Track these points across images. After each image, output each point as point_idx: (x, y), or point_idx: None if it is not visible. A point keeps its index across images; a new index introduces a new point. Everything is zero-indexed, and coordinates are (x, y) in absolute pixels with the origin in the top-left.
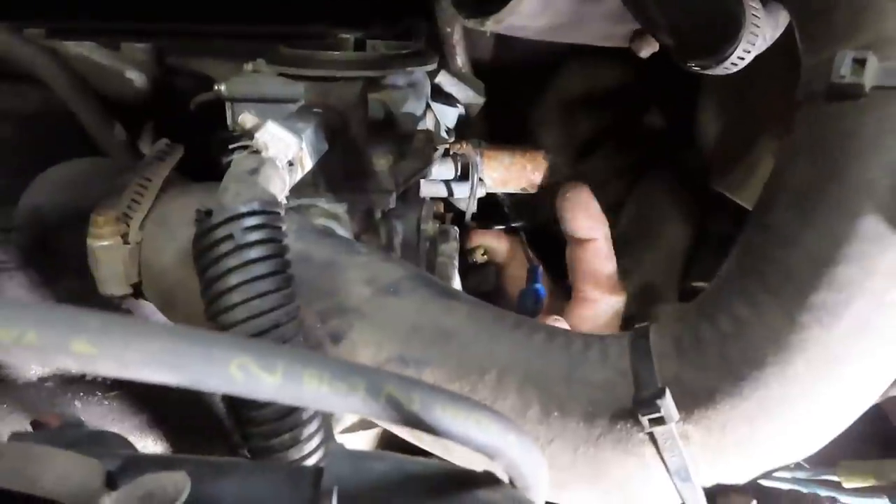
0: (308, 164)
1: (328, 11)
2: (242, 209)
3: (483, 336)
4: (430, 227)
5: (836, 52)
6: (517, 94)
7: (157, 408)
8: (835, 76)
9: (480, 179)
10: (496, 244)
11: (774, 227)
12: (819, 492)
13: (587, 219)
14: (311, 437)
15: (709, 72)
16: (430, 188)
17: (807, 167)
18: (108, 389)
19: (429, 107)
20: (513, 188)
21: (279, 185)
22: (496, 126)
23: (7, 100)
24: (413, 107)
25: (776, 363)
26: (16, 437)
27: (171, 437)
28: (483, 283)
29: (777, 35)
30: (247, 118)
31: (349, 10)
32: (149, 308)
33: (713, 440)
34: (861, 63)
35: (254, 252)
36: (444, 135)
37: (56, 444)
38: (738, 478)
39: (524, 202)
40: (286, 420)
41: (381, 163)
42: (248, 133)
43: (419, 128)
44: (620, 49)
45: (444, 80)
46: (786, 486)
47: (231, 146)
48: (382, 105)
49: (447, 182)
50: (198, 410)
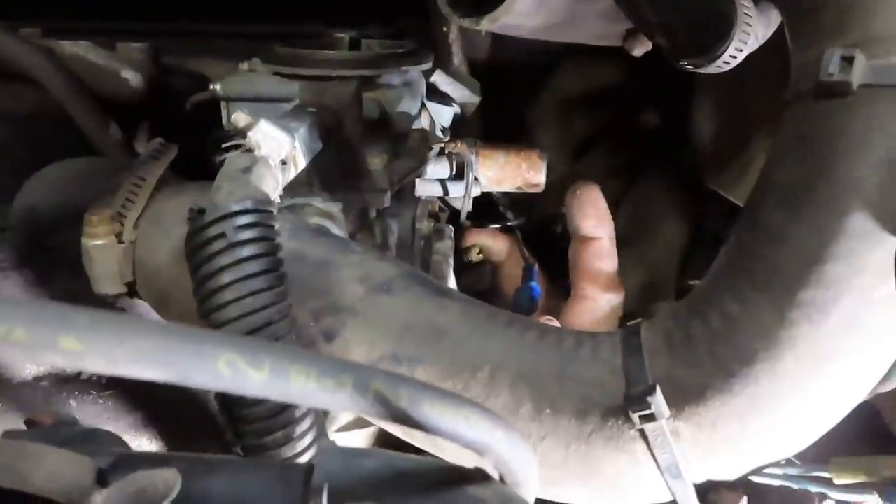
0: (301, 163)
1: (324, 11)
2: (235, 207)
3: (476, 334)
4: (425, 226)
5: (825, 51)
6: (513, 94)
7: (152, 406)
8: (823, 74)
9: (475, 178)
10: (492, 243)
11: (764, 225)
12: (810, 488)
13: (594, 217)
14: (304, 435)
15: (701, 70)
16: (425, 187)
17: (795, 165)
18: (103, 388)
19: (424, 106)
20: (508, 187)
21: (272, 184)
22: (492, 125)
23: (2, 100)
24: (408, 106)
25: (766, 360)
26: (8, 436)
27: (166, 436)
28: (479, 282)
29: (769, 34)
30: (240, 117)
31: (345, 10)
32: (143, 307)
33: (704, 437)
34: (849, 61)
35: (246, 250)
36: (440, 134)
37: (49, 442)
38: (729, 474)
39: (520, 201)
40: (278, 418)
41: (376, 162)
42: (241, 132)
43: (414, 127)
44: (616, 48)
45: (440, 80)
46: (776, 483)
47: (224, 145)
48: (377, 104)
49: (442, 181)
50: (192, 409)
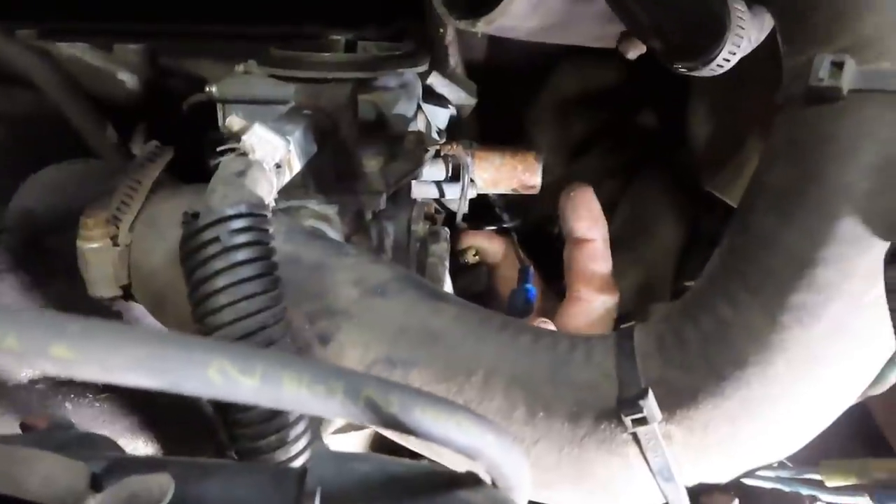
0: (296, 166)
1: (321, 12)
2: (229, 211)
3: (470, 337)
4: (421, 228)
5: (815, 55)
6: (510, 95)
7: (148, 410)
8: (813, 79)
9: (471, 180)
10: (487, 245)
11: (756, 229)
12: (801, 490)
13: (588, 219)
14: (298, 439)
15: (695, 73)
16: (421, 189)
17: (786, 170)
18: (99, 391)
19: (420, 108)
20: (504, 189)
21: (266, 188)
22: (489, 126)
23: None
24: (404, 108)
25: (757, 363)
26: (2, 440)
27: (162, 439)
28: (474, 284)
29: (762, 37)
30: (234, 121)
31: (342, 12)
32: (139, 310)
33: (696, 440)
34: (839, 66)
35: (241, 254)
36: (436, 136)
37: (43, 447)
38: (721, 477)
39: (516, 202)
40: (273, 422)
41: (372, 164)
42: (236, 135)
43: (410, 129)
44: (612, 49)
45: (436, 82)
46: (768, 485)
47: (219, 148)
48: (373, 106)
49: (438, 183)
50: (187, 412)
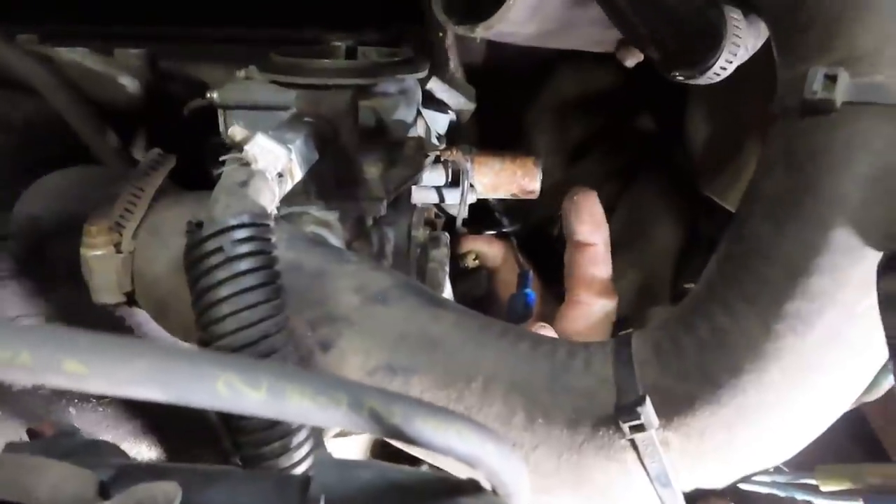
0: (298, 175)
1: (321, 16)
2: (232, 222)
3: (470, 344)
4: (421, 234)
5: (809, 68)
6: (509, 98)
7: (151, 414)
8: (807, 92)
9: (471, 185)
10: (487, 249)
11: (751, 237)
12: (796, 495)
13: (590, 223)
14: (301, 446)
15: (692, 82)
16: (421, 194)
17: (782, 180)
18: (103, 396)
19: (419, 113)
20: (503, 194)
21: (269, 197)
22: (488, 129)
23: (1, 108)
24: (404, 114)
25: (753, 371)
26: (11, 448)
27: (165, 444)
28: (475, 288)
29: (759, 45)
30: (236, 131)
31: (341, 16)
32: (141, 315)
33: (692, 446)
34: (832, 79)
35: (243, 264)
36: (435, 141)
37: (51, 455)
38: (717, 482)
39: (516, 206)
40: (276, 429)
41: (372, 171)
42: (238, 145)
43: (410, 135)
44: (611, 53)
45: (436, 87)
46: (764, 490)
47: (221, 158)
48: (373, 112)
49: (438, 188)
50: (190, 417)
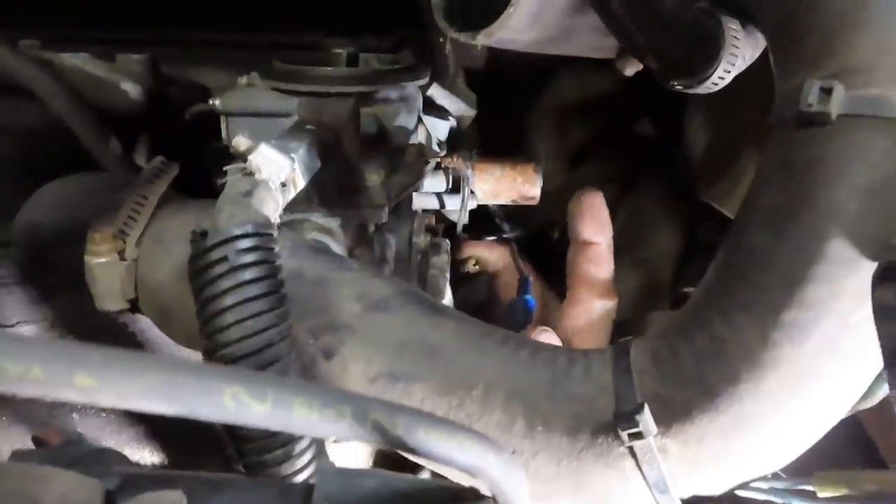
0: (301, 184)
1: (322, 22)
2: (236, 231)
3: (470, 352)
4: (422, 241)
5: (805, 80)
6: (509, 102)
7: (153, 421)
8: (803, 104)
9: (471, 192)
10: (488, 254)
11: (749, 247)
12: (793, 502)
13: (595, 222)
14: (303, 453)
15: (690, 91)
16: (422, 200)
17: (779, 190)
18: None
19: (420, 120)
20: (504, 200)
21: (272, 207)
22: (488, 133)
23: (2, 115)
24: (405, 120)
25: (750, 380)
26: (17, 457)
27: (168, 449)
28: (475, 294)
29: (757, 55)
30: (240, 141)
31: (342, 21)
32: (144, 322)
33: (690, 453)
34: (828, 92)
35: (248, 273)
36: (436, 148)
37: (57, 463)
38: (715, 489)
39: (516, 212)
40: (278, 437)
41: (374, 178)
42: (242, 155)
43: (411, 141)
44: (610, 59)
45: (436, 93)
46: (761, 497)
47: (225, 168)
48: (375, 119)
49: (439, 194)
50: (193, 424)
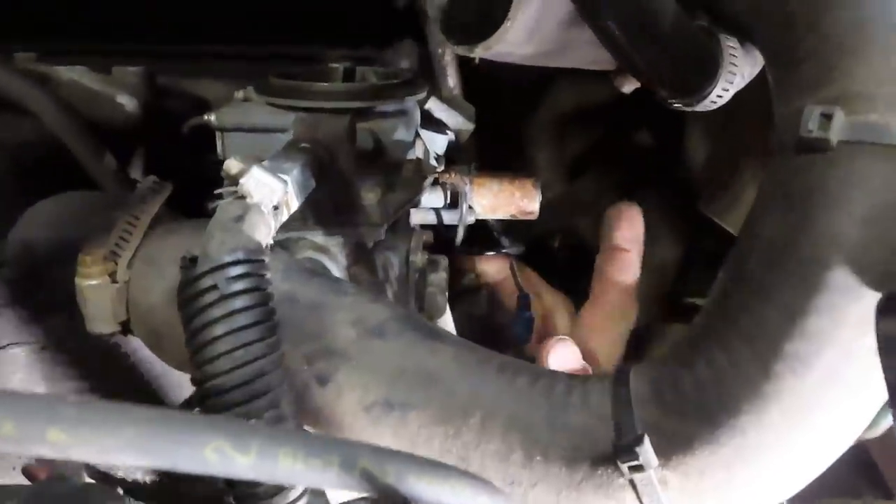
0: (294, 205)
1: (320, 33)
2: (227, 259)
3: (468, 379)
4: (420, 259)
5: (805, 105)
6: (508, 112)
7: None
8: (803, 130)
9: (470, 207)
10: (486, 268)
11: (749, 276)
12: None
13: (630, 231)
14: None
15: (689, 109)
16: (420, 216)
17: (779, 218)
18: None
19: (418, 135)
20: (502, 215)
21: (264, 231)
22: (486, 144)
23: None
24: (402, 135)
25: (752, 411)
26: (3, 494)
27: (159, 473)
28: (474, 308)
29: (755, 72)
30: (232, 164)
31: (340, 32)
32: (136, 342)
33: (691, 485)
34: (828, 118)
35: (238, 302)
36: (434, 162)
37: (43, 500)
38: None
39: (515, 226)
40: None
41: (370, 197)
42: (234, 178)
43: (409, 157)
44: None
45: (434, 107)
46: None
47: (216, 191)
48: (371, 134)
49: (437, 210)
50: None
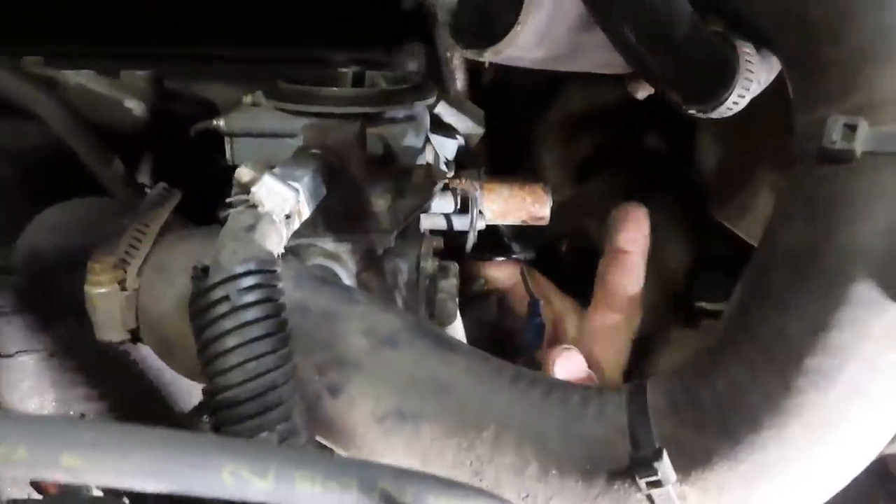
0: (306, 213)
1: (329, 36)
2: (238, 269)
3: (481, 389)
4: (430, 265)
5: (828, 115)
6: (518, 114)
7: None
8: (826, 141)
9: (480, 212)
10: (497, 274)
11: (769, 288)
12: None
13: (634, 232)
14: None
15: (704, 116)
16: (430, 221)
17: (800, 229)
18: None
19: (428, 140)
20: (513, 220)
21: (276, 241)
22: (496, 147)
23: (5, 137)
24: (413, 140)
25: (773, 426)
26: None
27: None
28: (485, 313)
29: (772, 78)
30: (243, 172)
31: (349, 35)
32: (146, 350)
33: (710, 501)
34: (852, 129)
35: (250, 313)
36: (444, 167)
37: None
38: None
39: (525, 231)
40: None
41: (380, 203)
42: (245, 187)
43: (418, 162)
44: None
45: (444, 111)
46: None
47: (228, 200)
48: (381, 139)
49: (447, 215)
50: None
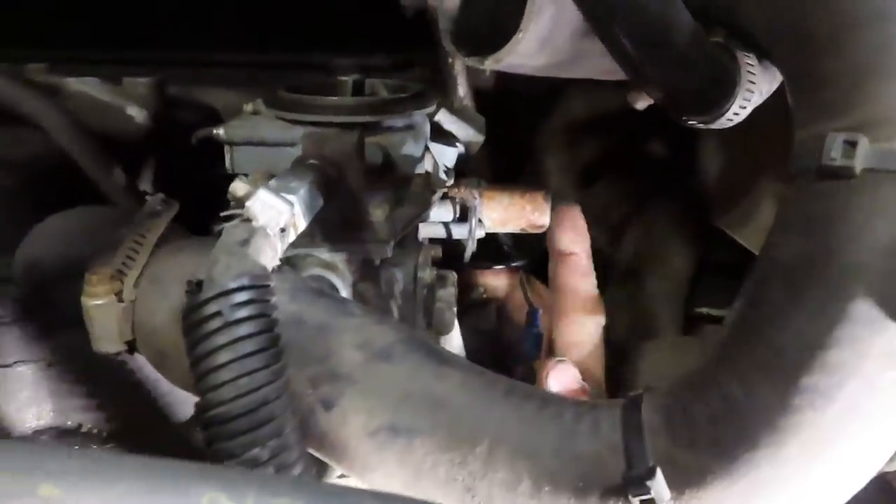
0: (302, 226)
1: (330, 41)
2: (231, 285)
3: (475, 404)
4: (428, 274)
5: (828, 131)
6: (519, 119)
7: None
8: (825, 157)
9: (479, 220)
10: (496, 282)
11: (766, 305)
12: None
13: (572, 232)
14: None
15: (705, 126)
16: (429, 230)
17: (799, 245)
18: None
19: (427, 148)
20: (512, 228)
21: (270, 255)
22: (498, 152)
23: (6, 146)
24: (412, 149)
25: (769, 445)
26: None
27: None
28: (483, 322)
29: (773, 88)
30: (238, 186)
31: (351, 41)
32: (140, 360)
33: None
34: (852, 145)
35: (242, 329)
36: (443, 176)
37: None
38: None
39: (525, 240)
40: None
41: (378, 213)
42: (240, 201)
43: (417, 171)
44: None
45: (444, 118)
46: None
47: (222, 214)
48: (380, 148)
49: (446, 224)
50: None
